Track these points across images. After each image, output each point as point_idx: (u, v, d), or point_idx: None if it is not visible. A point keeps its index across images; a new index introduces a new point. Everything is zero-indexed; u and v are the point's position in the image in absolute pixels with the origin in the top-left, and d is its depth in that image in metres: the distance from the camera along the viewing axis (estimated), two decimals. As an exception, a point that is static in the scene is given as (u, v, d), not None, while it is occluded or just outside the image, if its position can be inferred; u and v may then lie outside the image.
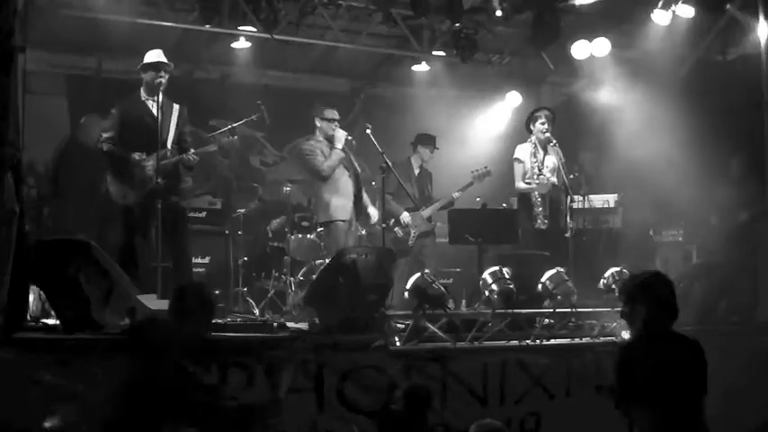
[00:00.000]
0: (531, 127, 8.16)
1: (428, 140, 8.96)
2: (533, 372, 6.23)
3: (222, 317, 6.74)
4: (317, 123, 7.96)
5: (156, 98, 6.61)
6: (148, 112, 6.68)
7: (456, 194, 8.73)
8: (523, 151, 8.13)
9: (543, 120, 8.08)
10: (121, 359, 4.94)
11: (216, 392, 4.90)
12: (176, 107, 6.82)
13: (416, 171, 8.93)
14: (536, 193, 8.01)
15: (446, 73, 10.11)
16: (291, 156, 10.29)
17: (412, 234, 8.63)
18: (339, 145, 7.81)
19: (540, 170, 8.03)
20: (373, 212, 8.25)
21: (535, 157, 8.06)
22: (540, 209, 7.99)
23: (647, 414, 4.02)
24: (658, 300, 4.12)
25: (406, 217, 8.63)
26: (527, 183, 8.07)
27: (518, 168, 8.11)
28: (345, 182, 7.93)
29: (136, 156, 6.57)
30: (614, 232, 8.97)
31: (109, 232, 7.36)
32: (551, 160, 8.09)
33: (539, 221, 7.98)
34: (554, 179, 8.07)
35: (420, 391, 5.13)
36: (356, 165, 8.09)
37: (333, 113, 8.00)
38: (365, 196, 8.19)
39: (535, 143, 8.10)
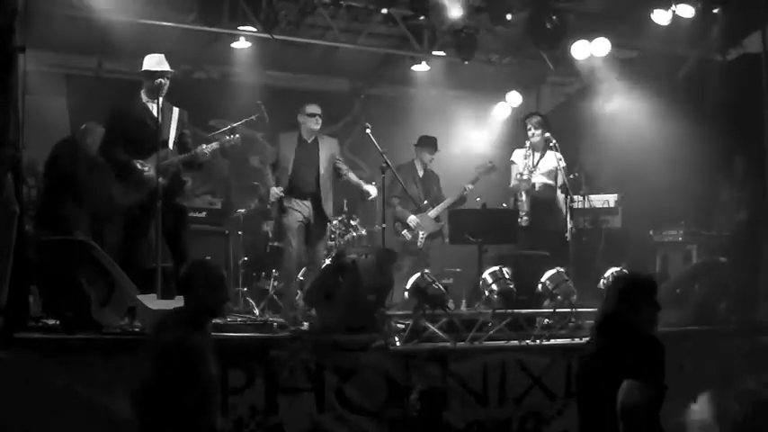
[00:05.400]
0: (527, 132, 8.30)
1: (428, 143, 8.89)
2: (533, 372, 6.23)
3: (222, 317, 6.73)
4: (299, 120, 7.73)
5: (156, 101, 6.61)
6: (149, 115, 6.67)
7: (469, 186, 8.65)
8: (518, 155, 8.35)
9: (530, 126, 8.24)
10: (124, 359, 4.96)
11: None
12: (176, 110, 6.81)
13: (420, 173, 8.88)
14: (521, 191, 8.13)
15: (446, 73, 10.09)
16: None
17: (420, 236, 8.60)
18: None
19: (530, 171, 8.16)
20: (353, 178, 7.85)
21: (527, 159, 8.22)
22: (524, 206, 8.08)
23: None
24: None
25: (413, 220, 8.59)
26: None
27: (512, 170, 8.39)
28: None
29: (138, 164, 6.54)
30: (614, 232, 8.96)
31: (109, 232, 7.35)
32: (548, 162, 8.13)
33: (522, 220, 8.07)
34: (548, 180, 8.17)
35: (436, 392, 5.08)
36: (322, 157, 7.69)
37: (312, 108, 7.73)
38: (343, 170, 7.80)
39: (530, 147, 8.25)
